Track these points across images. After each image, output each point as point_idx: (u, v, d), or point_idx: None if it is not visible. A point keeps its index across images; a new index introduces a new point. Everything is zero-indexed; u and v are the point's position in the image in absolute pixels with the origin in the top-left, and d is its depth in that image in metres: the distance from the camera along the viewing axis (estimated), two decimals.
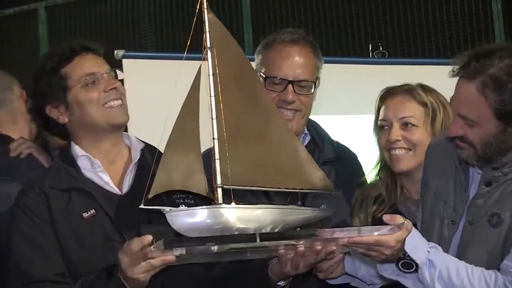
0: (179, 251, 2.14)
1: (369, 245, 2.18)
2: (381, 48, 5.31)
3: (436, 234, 2.39)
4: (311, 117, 3.00)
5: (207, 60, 2.18)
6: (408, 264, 2.26)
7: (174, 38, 7.01)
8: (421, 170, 2.62)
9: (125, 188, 2.48)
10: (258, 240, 2.17)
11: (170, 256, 2.15)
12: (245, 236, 2.17)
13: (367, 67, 4.62)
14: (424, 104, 2.83)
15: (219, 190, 2.17)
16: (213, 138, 2.18)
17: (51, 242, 2.38)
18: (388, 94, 2.89)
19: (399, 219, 2.20)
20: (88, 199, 2.41)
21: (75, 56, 2.49)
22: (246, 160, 2.22)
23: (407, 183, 2.88)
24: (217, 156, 2.17)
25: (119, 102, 2.48)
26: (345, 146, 3.08)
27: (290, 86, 2.76)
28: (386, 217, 2.22)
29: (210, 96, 2.18)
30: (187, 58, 2.30)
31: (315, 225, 2.34)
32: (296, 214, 2.28)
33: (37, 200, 2.40)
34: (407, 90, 2.86)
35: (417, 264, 2.25)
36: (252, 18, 7.06)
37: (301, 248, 2.24)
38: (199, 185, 2.21)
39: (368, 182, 3.00)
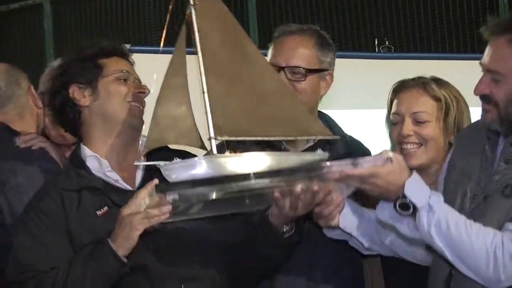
0: (172, 195, 2.15)
1: (363, 177, 2.20)
2: (387, 43, 5.30)
3: (457, 208, 2.35)
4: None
5: (191, 16, 2.20)
6: (406, 206, 2.24)
7: (179, 32, 7.01)
8: (434, 164, 2.63)
9: (137, 183, 2.48)
10: (253, 180, 2.15)
11: (165, 202, 2.17)
12: (240, 177, 2.15)
13: (373, 61, 4.61)
14: (438, 99, 2.78)
15: (213, 142, 2.16)
16: (203, 92, 2.18)
17: (57, 242, 2.37)
18: (401, 88, 2.85)
19: (385, 153, 2.22)
20: (100, 196, 2.42)
21: (114, 55, 2.56)
22: (238, 111, 2.22)
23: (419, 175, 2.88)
24: (208, 109, 2.17)
25: (141, 107, 2.53)
26: (358, 141, 3.06)
27: (281, 72, 2.78)
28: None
29: (197, 51, 2.19)
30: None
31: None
32: (292, 159, 2.28)
33: (51, 203, 2.41)
34: (421, 84, 2.82)
35: (415, 208, 2.23)
36: (258, 14, 7.06)
37: (298, 189, 2.23)
38: (192, 140, 2.22)
39: None
